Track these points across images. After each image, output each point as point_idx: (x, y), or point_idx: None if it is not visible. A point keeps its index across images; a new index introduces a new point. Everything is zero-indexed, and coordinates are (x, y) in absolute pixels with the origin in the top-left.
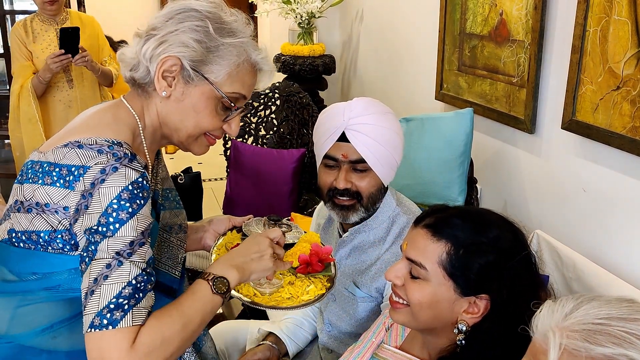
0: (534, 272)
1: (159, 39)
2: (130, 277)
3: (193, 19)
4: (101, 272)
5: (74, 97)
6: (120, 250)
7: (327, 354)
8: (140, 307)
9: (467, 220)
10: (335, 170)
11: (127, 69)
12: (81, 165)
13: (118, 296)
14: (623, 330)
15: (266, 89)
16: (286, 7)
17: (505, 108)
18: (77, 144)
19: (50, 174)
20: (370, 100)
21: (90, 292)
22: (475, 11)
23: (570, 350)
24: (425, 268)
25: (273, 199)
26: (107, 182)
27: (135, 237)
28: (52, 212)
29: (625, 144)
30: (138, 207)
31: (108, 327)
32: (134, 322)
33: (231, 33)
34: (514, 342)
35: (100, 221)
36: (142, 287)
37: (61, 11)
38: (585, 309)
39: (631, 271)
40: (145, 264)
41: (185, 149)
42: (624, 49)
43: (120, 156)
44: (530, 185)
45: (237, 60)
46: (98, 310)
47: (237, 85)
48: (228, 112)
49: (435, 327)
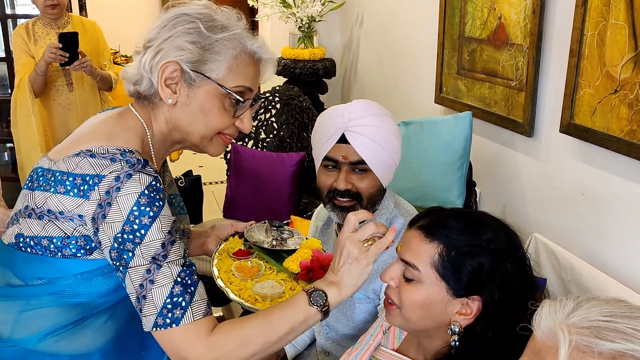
0: (528, 275)
1: (155, 48)
2: (174, 276)
3: (185, 23)
4: (144, 277)
5: (73, 101)
6: (155, 255)
7: (325, 356)
8: (196, 300)
9: (461, 222)
10: (335, 172)
11: (131, 84)
12: (96, 175)
13: (171, 296)
14: (629, 326)
15: (266, 93)
16: (286, 11)
17: (504, 111)
18: (89, 153)
19: (63, 182)
20: (369, 102)
21: (142, 297)
22: (474, 15)
23: (581, 347)
24: (418, 269)
25: (273, 202)
26: (122, 190)
27: (165, 238)
28: (66, 219)
29: (623, 147)
30: (158, 210)
31: (172, 326)
32: (196, 317)
33: (223, 28)
34: (507, 343)
35: (125, 229)
36: (190, 282)
37: (63, 15)
38: (587, 307)
39: (629, 274)
40: (183, 259)
41: (201, 151)
42: (621, 53)
43: (133, 162)
44: (529, 188)
45: (234, 53)
46: (158, 312)
47: (240, 79)
48: (236, 107)
49: (428, 329)
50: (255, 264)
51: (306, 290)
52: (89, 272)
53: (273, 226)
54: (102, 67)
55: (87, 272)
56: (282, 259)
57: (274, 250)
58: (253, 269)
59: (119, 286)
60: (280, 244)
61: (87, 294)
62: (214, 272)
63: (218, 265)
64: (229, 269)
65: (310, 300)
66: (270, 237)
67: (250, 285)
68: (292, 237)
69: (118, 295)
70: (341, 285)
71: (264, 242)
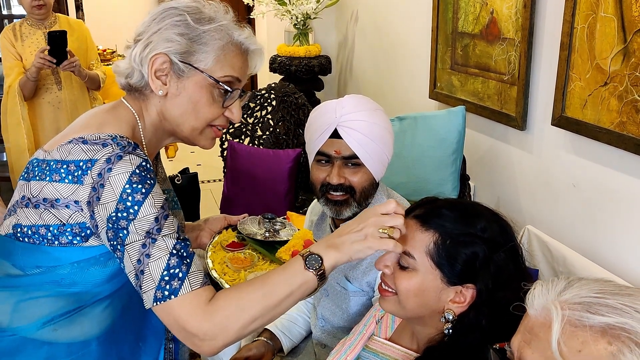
0: (520, 264)
1: (144, 41)
2: (170, 248)
3: (173, 16)
4: (140, 252)
5: (62, 99)
6: (150, 229)
7: (321, 349)
8: (193, 271)
9: (455, 212)
10: (328, 166)
11: (123, 77)
12: (88, 159)
13: (167, 268)
14: (619, 302)
15: (262, 90)
16: (282, 8)
17: (497, 105)
18: (81, 140)
19: (58, 171)
20: (361, 97)
21: (140, 272)
22: (467, 10)
23: (573, 321)
24: (413, 257)
25: (270, 199)
26: (114, 170)
27: (158, 213)
28: (62, 206)
29: (613, 139)
30: (150, 187)
31: (171, 297)
32: (194, 286)
33: (210, 20)
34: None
35: (119, 207)
36: (185, 254)
37: (49, 15)
38: (578, 285)
39: (620, 264)
40: (177, 233)
41: (192, 143)
42: (610, 46)
43: (124, 145)
44: (522, 181)
45: (221, 43)
46: (156, 285)
47: (228, 69)
48: (225, 97)
49: (422, 316)
50: (248, 255)
51: (302, 254)
52: (86, 261)
53: (265, 218)
54: (90, 67)
55: (84, 261)
56: (274, 250)
57: (267, 241)
58: (246, 260)
59: (115, 275)
60: (273, 235)
61: (84, 282)
62: (208, 264)
63: (212, 257)
64: (222, 260)
65: (305, 264)
66: (263, 229)
67: (243, 275)
68: (285, 229)
69: (115, 284)
70: (341, 251)
71: (256, 234)
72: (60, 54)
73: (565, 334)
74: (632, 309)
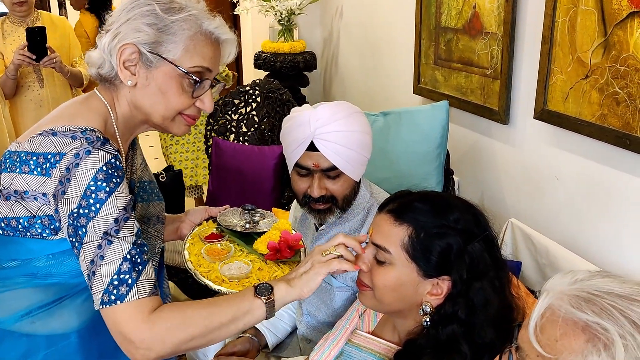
0: (495, 253)
1: (114, 31)
2: (124, 252)
3: (142, 6)
4: (95, 253)
5: (45, 97)
6: (108, 230)
7: (306, 344)
8: (143, 279)
9: (428, 204)
10: (308, 178)
11: (94, 68)
12: (57, 152)
13: (118, 272)
14: (612, 304)
15: (247, 87)
16: (265, 4)
17: (480, 100)
18: (51, 132)
19: (27, 162)
20: (336, 104)
21: (92, 273)
22: (449, 5)
23: (554, 309)
24: (389, 252)
25: (255, 196)
26: (81, 165)
27: (119, 214)
28: (31, 199)
29: (595, 132)
30: (115, 185)
31: (117, 302)
32: (141, 295)
33: (180, 9)
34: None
35: (82, 204)
36: (139, 260)
37: (31, 12)
38: (594, 281)
39: (602, 256)
40: (135, 237)
41: (164, 130)
42: (591, 39)
43: (92, 140)
44: (506, 175)
45: (190, 33)
46: (104, 288)
47: (197, 59)
48: (194, 87)
49: (401, 310)
50: (225, 247)
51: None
52: (60, 253)
53: (245, 209)
54: (73, 64)
55: (58, 253)
56: (253, 242)
57: (246, 233)
58: (222, 251)
59: None
60: (253, 226)
61: (61, 274)
62: (185, 255)
63: (189, 249)
64: (199, 252)
65: (255, 292)
66: (243, 221)
67: (217, 266)
68: (264, 220)
69: None
70: (292, 285)
71: (236, 226)
72: (39, 50)
73: (547, 320)
74: (620, 313)
